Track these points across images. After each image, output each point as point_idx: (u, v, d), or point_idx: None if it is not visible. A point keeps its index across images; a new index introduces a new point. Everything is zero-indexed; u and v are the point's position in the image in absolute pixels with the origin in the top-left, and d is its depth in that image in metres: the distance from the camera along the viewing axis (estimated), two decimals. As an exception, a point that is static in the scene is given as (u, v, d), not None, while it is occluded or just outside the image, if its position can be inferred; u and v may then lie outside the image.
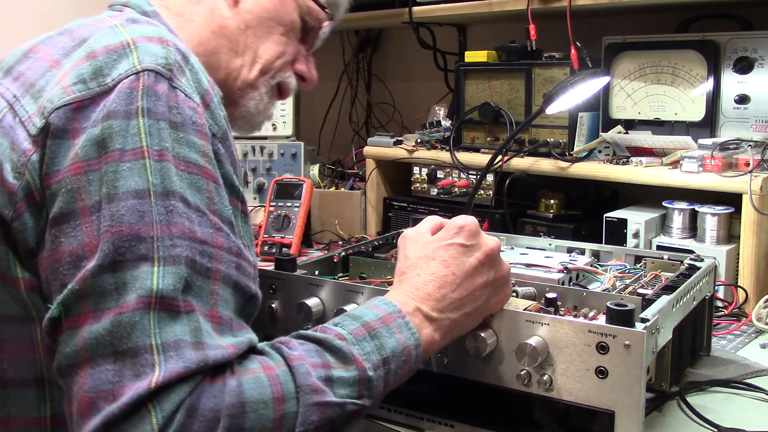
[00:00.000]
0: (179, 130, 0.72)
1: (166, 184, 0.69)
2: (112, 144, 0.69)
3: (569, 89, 1.52)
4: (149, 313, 0.65)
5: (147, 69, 0.72)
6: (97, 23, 0.79)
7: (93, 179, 0.68)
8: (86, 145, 0.69)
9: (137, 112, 0.70)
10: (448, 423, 0.92)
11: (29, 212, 0.71)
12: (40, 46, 0.80)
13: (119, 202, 0.67)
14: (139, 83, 0.71)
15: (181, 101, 0.73)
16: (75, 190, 0.68)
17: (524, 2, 1.65)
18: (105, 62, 0.72)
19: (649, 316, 0.83)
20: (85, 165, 0.69)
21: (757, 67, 1.48)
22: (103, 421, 0.62)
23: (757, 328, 1.27)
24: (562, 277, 1.07)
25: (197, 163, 0.72)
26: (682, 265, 1.12)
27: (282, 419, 0.67)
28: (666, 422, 0.94)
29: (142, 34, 0.75)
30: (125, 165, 0.68)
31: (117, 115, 0.69)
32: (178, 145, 0.71)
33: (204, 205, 0.71)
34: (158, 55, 0.74)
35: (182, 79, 0.75)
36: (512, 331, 0.86)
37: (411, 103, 2.34)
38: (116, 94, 0.70)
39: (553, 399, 0.84)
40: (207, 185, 0.72)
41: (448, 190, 1.79)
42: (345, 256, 1.17)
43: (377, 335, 0.77)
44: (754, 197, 1.32)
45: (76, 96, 0.71)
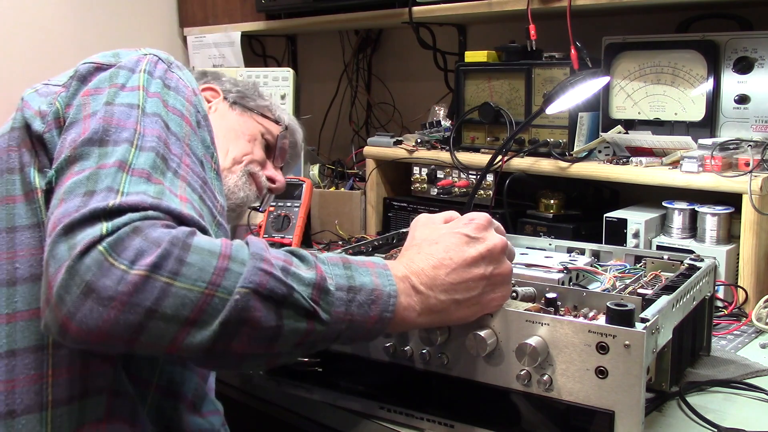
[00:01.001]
0: (170, 89, 0.89)
1: (154, 109, 0.84)
2: (116, 79, 0.87)
3: (569, 89, 1.52)
4: (122, 171, 0.76)
5: (150, 54, 0.92)
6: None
7: (97, 97, 0.85)
8: (96, 81, 0.88)
9: (140, 70, 0.89)
10: (448, 423, 0.92)
11: (56, 130, 0.85)
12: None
13: (114, 105, 0.83)
14: (144, 58, 0.91)
15: (175, 79, 0.91)
16: (82, 105, 0.85)
17: (524, 2, 1.65)
18: (121, 53, 0.93)
19: (649, 316, 0.83)
20: (93, 90, 0.86)
21: (757, 67, 1.48)
22: (63, 227, 0.70)
23: (757, 328, 1.27)
24: (562, 277, 1.07)
25: (181, 111, 0.87)
26: (682, 265, 1.12)
27: (224, 272, 0.70)
28: (666, 422, 0.94)
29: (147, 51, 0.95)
30: (125, 91, 0.85)
31: (124, 67, 0.89)
32: (167, 95, 0.88)
33: (181, 136, 0.85)
34: (162, 53, 0.94)
35: (179, 72, 0.93)
36: (512, 331, 0.86)
37: (411, 103, 2.34)
38: (126, 60, 0.91)
39: (553, 399, 0.84)
40: (185, 127, 0.86)
41: (448, 190, 1.79)
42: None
43: (351, 268, 0.78)
44: (754, 197, 1.32)
45: (99, 61, 0.91)
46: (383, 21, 2.08)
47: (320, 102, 2.51)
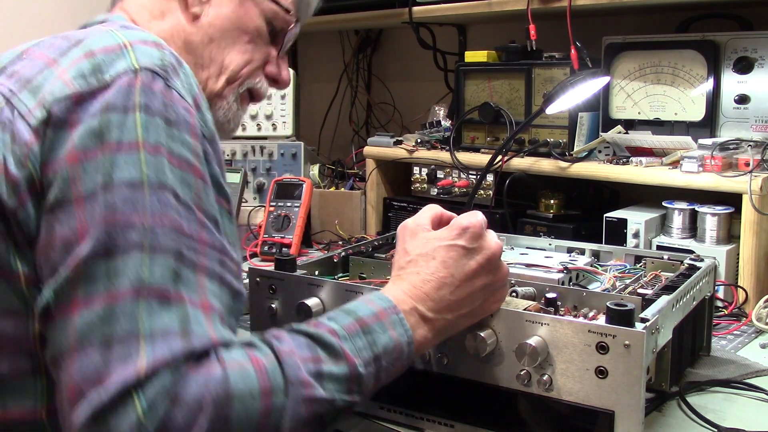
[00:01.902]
0: (173, 127, 0.74)
1: (160, 177, 0.71)
2: (109, 135, 0.71)
3: (569, 89, 1.52)
4: (139, 301, 0.66)
5: (144, 67, 0.74)
6: (90, 30, 0.82)
7: (88, 168, 0.69)
8: (84, 136, 0.71)
9: (134, 106, 0.72)
10: (448, 423, 0.92)
11: (31, 202, 0.72)
12: (33, 48, 0.82)
13: (114, 191, 0.69)
14: (136, 80, 0.73)
15: (175, 100, 0.75)
16: (70, 179, 0.70)
17: (524, 2, 1.65)
18: (103, 60, 0.74)
19: (649, 316, 0.83)
20: (81, 154, 0.70)
21: (757, 67, 1.48)
22: (90, 408, 0.62)
23: (757, 328, 1.27)
24: (562, 277, 1.07)
25: (188, 161, 0.74)
26: (682, 265, 1.12)
27: (269, 412, 0.67)
28: (666, 422, 0.94)
29: (137, 37, 0.78)
30: (121, 156, 0.70)
31: (115, 109, 0.72)
32: (171, 141, 0.73)
33: (192, 202, 0.73)
34: (154, 56, 0.76)
35: (176, 80, 0.77)
36: (512, 331, 0.86)
37: (411, 103, 2.34)
38: (115, 90, 0.72)
39: (553, 399, 0.84)
40: (196, 182, 0.74)
41: (448, 190, 1.79)
42: (345, 256, 1.18)
43: (370, 331, 0.78)
44: (754, 197, 1.32)
45: (76, 89, 0.73)
46: (383, 21, 2.08)
47: (320, 102, 2.51)
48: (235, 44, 1.02)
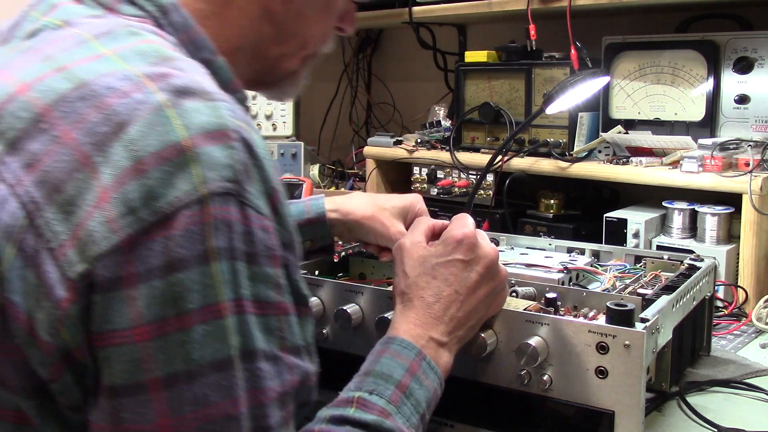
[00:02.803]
0: (253, 263, 0.60)
1: (248, 344, 0.59)
2: (184, 303, 0.56)
3: (569, 89, 1.52)
4: None
5: (213, 193, 0.56)
6: (131, 88, 0.58)
7: (163, 346, 0.56)
8: (152, 304, 0.55)
9: (210, 256, 0.56)
10: (448, 423, 0.92)
11: (70, 372, 0.58)
12: (56, 113, 0.58)
13: (201, 378, 0.56)
14: (206, 214, 0.56)
15: (253, 223, 0.59)
16: (141, 360, 0.55)
17: (524, 2, 1.65)
18: (157, 179, 0.55)
19: (649, 316, 0.83)
20: (152, 329, 0.55)
21: (757, 67, 1.48)
22: None
23: (757, 328, 1.27)
24: (562, 277, 1.07)
25: (272, 301, 0.62)
26: (682, 265, 1.12)
27: None
28: (666, 422, 0.94)
29: (201, 128, 0.57)
30: (201, 328, 0.56)
31: (186, 264, 0.56)
32: (253, 285, 0.60)
33: (278, 348, 0.62)
34: (223, 164, 0.57)
35: (251, 187, 0.59)
36: (512, 331, 0.86)
37: (411, 103, 2.34)
38: (181, 234, 0.55)
39: (553, 399, 0.84)
40: (280, 322, 0.63)
41: (448, 190, 1.79)
42: (345, 256, 1.17)
43: (411, 392, 0.76)
44: (754, 197, 1.32)
45: (126, 233, 0.55)
46: (383, 21, 2.08)
47: (320, 102, 2.51)
48: (323, 12, 0.83)
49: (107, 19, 0.67)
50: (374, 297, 0.95)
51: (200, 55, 0.69)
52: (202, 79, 0.62)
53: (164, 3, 0.69)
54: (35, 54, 0.64)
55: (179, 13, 0.70)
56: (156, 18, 0.69)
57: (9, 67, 0.64)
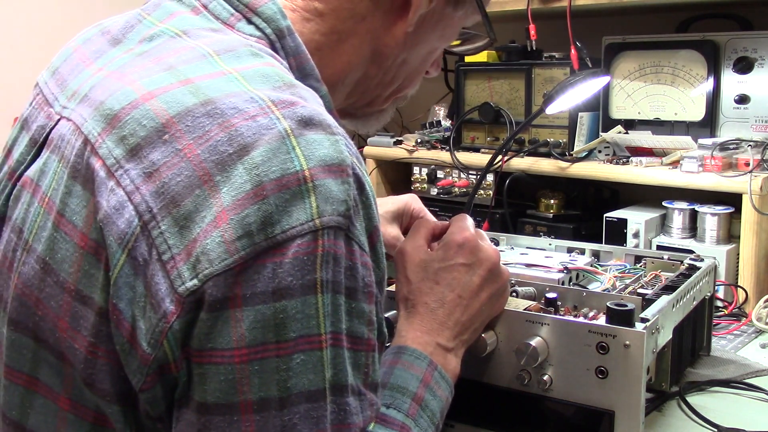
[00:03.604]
0: (353, 298, 0.60)
1: (341, 378, 0.59)
2: (285, 331, 0.56)
3: (569, 89, 1.52)
4: None
5: (327, 226, 0.57)
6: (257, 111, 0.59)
7: (259, 370, 0.56)
8: (255, 328, 0.55)
9: (316, 287, 0.57)
10: (448, 423, 0.92)
11: (161, 383, 0.58)
12: (180, 126, 0.58)
13: (291, 407, 0.57)
14: (317, 246, 0.56)
15: (356, 259, 0.60)
16: (237, 381, 0.56)
17: (524, 2, 1.65)
18: (276, 206, 0.56)
19: (649, 316, 0.83)
20: (252, 352, 0.56)
21: (757, 67, 1.48)
22: None
23: (757, 328, 1.27)
24: (562, 277, 1.07)
25: (364, 337, 0.62)
26: (682, 265, 1.12)
27: None
28: (666, 422, 0.94)
29: (321, 161, 0.58)
30: (299, 357, 0.57)
31: (292, 293, 0.56)
32: (349, 320, 0.60)
33: (362, 383, 0.63)
34: (339, 199, 0.58)
35: (358, 223, 0.61)
36: (512, 331, 0.86)
37: (411, 103, 2.32)
38: (291, 262, 0.56)
39: (553, 399, 0.84)
40: (367, 359, 0.63)
41: (448, 190, 1.79)
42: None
43: (426, 404, 0.75)
44: (754, 197, 1.32)
45: (240, 256, 0.55)
46: (383, 21, 2.08)
47: (320, 102, 2.50)
48: (424, 63, 0.88)
49: (226, 35, 0.68)
50: (374, 297, 0.95)
51: (306, 82, 0.69)
52: (323, 111, 0.63)
53: (282, 27, 0.70)
54: (155, 61, 0.64)
55: (293, 38, 0.71)
56: (272, 41, 0.69)
57: (128, 70, 0.65)
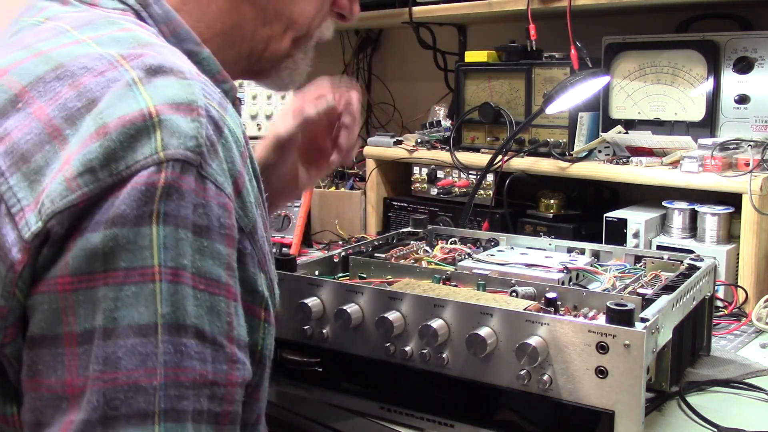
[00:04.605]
0: (203, 236, 0.57)
1: (179, 316, 0.56)
2: (115, 260, 0.54)
3: (569, 89, 1.52)
4: None
5: (172, 158, 0.55)
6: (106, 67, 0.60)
7: (85, 301, 0.54)
8: (80, 256, 0.54)
9: (152, 217, 0.55)
10: (448, 423, 0.92)
11: (20, 339, 0.57)
12: (32, 93, 0.60)
13: (117, 339, 0.54)
14: (159, 177, 0.55)
15: (210, 196, 0.58)
16: (60, 310, 0.54)
17: (524, 2, 1.65)
18: (119, 142, 0.55)
19: (649, 316, 0.83)
20: (77, 281, 0.54)
21: (757, 67, 1.48)
22: None
23: (757, 328, 1.27)
24: (562, 277, 1.07)
25: (220, 280, 0.59)
26: (682, 265, 1.12)
27: None
28: (666, 422, 0.94)
29: (168, 99, 0.57)
30: (129, 289, 0.54)
31: (125, 221, 0.54)
32: (200, 258, 0.57)
33: (222, 334, 0.59)
34: (187, 134, 0.57)
35: (214, 162, 0.58)
36: (512, 331, 0.86)
37: (411, 103, 2.34)
38: (128, 192, 0.54)
39: (553, 399, 0.84)
40: (228, 307, 0.59)
41: (448, 190, 1.79)
42: (345, 256, 1.17)
43: None
44: (754, 197, 1.32)
45: (82, 192, 0.54)
46: (383, 21, 2.08)
47: (320, 102, 2.50)
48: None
49: (88, 12, 0.68)
50: (374, 297, 0.95)
51: (184, 47, 0.69)
52: (179, 61, 0.62)
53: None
54: (15, 45, 0.65)
55: (160, 5, 0.70)
56: (137, 11, 0.69)
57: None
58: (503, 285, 1.02)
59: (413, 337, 0.92)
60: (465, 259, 1.17)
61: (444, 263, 1.18)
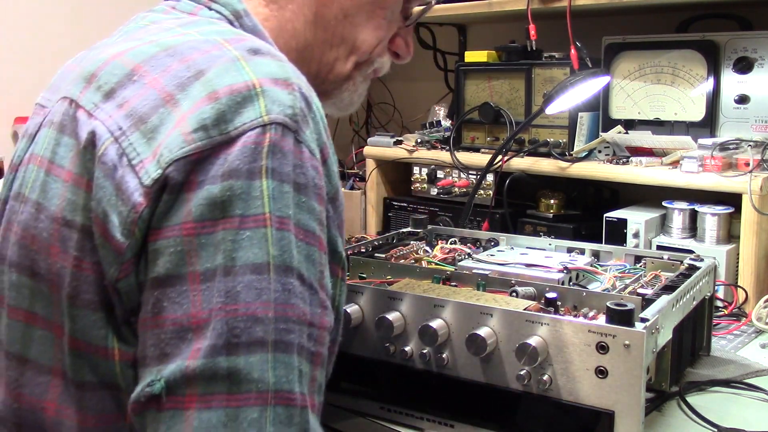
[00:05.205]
0: (302, 193, 0.65)
1: (286, 258, 0.63)
2: (232, 207, 0.61)
3: (569, 89, 1.52)
4: (265, 409, 0.60)
5: (274, 122, 0.63)
6: (211, 47, 0.69)
7: (207, 243, 0.61)
8: (202, 204, 0.61)
9: (262, 171, 0.62)
10: (448, 423, 0.92)
11: (135, 272, 0.64)
12: (146, 68, 0.69)
13: (236, 276, 0.61)
14: (265, 138, 0.63)
15: (305, 159, 0.65)
16: (185, 252, 0.61)
17: (524, 2, 1.65)
18: (228, 106, 0.63)
19: (649, 316, 0.83)
20: (199, 226, 0.61)
21: (757, 67, 1.48)
22: None
23: (757, 328, 1.27)
24: (562, 277, 1.07)
25: (315, 233, 0.66)
26: (682, 265, 1.12)
27: None
28: (666, 422, 0.94)
29: (268, 74, 0.66)
30: (245, 233, 0.61)
31: (239, 174, 0.62)
32: (299, 212, 0.64)
33: (316, 281, 0.65)
34: (286, 102, 0.65)
35: (307, 130, 0.66)
36: (512, 331, 0.86)
37: (411, 103, 2.34)
38: (240, 149, 0.62)
39: (553, 399, 0.84)
40: (320, 258, 0.67)
41: (448, 190, 1.79)
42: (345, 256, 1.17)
43: None
44: (754, 197, 1.32)
45: (196, 146, 0.62)
46: (383, 21, 2.08)
47: (320, 102, 2.50)
48: (370, 20, 0.88)
49: (190, 18, 0.78)
50: (374, 297, 0.95)
51: None
52: (274, 48, 0.72)
53: (238, 9, 0.80)
54: (125, 40, 0.75)
55: (250, 19, 0.80)
56: (230, 21, 0.78)
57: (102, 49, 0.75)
58: (503, 285, 1.02)
59: (413, 337, 0.92)
60: (465, 259, 1.17)
61: (444, 263, 1.18)
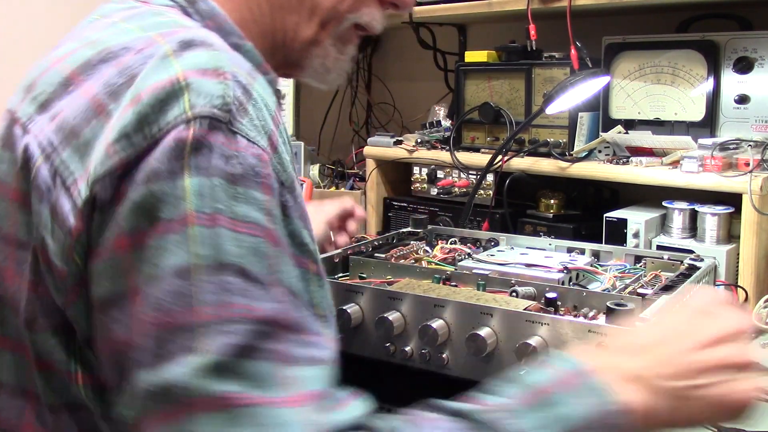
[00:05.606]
0: (238, 184, 0.60)
1: (219, 255, 0.58)
2: (157, 212, 0.58)
3: (569, 89, 1.52)
4: (208, 416, 0.56)
5: (199, 116, 0.59)
6: (144, 45, 0.64)
7: (140, 256, 0.58)
8: (129, 215, 0.58)
9: (183, 169, 0.58)
10: (448, 423, 0.92)
11: (81, 298, 0.62)
12: (81, 76, 0.66)
13: (159, 284, 0.57)
14: (188, 134, 0.58)
15: (242, 148, 0.60)
16: (122, 270, 0.59)
17: (524, 2, 1.65)
18: (151, 107, 0.59)
19: (649, 316, 0.83)
20: (131, 239, 0.58)
21: (757, 67, 1.48)
22: None
23: (757, 328, 1.27)
24: (562, 277, 1.07)
25: (259, 223, 0.60)
26: (682, 265, 1.12)
27: None
28: (666, 422, 0.94)
29: (195, 66, 0.61)
30: (172, 237, 0.57)
31: (159, 177, 0.58)
32: (235, 204, 0.59)
33: (266, 275, 0.60)
34: (213, 94, 0.60)
35: (244, 119, 0.61)
36: (512, 331, 0.86)
37: (411, 103, 2.34)
38: (161, 150, 0.58)
39: (553, 399, 0.84)
40: (269, 250, 0.61)
41: (448, 190, 1.79)
42: (345, 256, 1.17)
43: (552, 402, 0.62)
44: (754, 197, 1.32)
45: (119, 158, 0.59)
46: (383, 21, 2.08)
47: (320, 102, 2.50)
48: None
49: (139, 8, 0.73)
50: (374, 297, 0.95)
51: (229, 40, 0.72)
52: (212, 37, 0.66)
53: None
54: (71, 39, 0.72)
55: (206, 2, 0.75)
56: (183, 7, 0.74)
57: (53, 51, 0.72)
58: (503, 285, 1.02)
59: (413, 337, 0.92)
60: (465, 259, 1.17)
61: (444, 263, 1.18)
